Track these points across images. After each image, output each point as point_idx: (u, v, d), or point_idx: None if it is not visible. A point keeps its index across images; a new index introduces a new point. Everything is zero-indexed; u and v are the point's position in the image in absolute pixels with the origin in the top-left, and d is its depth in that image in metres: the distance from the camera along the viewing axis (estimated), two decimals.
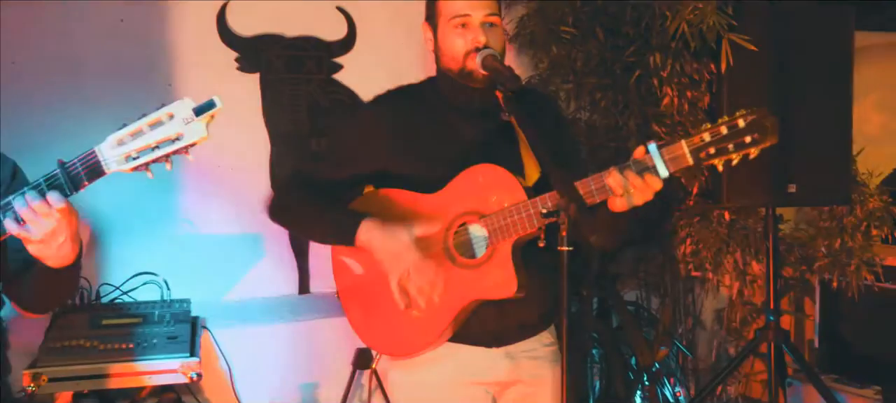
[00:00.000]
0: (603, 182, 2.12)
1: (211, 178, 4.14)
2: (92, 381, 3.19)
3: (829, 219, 3.85)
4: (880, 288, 3.84)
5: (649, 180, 2.09)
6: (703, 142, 2.08)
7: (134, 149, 1.86)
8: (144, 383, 3.28)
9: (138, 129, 1.86)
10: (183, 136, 1.86)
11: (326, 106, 4.31)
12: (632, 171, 2.10)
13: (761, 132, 2.05)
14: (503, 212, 2.24)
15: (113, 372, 3.21)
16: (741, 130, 2.06)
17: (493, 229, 2.26)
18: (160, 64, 4.05)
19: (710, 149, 2.08)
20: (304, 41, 4.27)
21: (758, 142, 2.06)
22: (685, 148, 2.09)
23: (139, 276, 3.82)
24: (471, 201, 2.30)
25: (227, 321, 3.92)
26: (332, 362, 3.97)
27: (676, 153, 2.10)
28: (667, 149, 2.11)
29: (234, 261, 4.21)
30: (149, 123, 1.86)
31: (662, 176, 2.11)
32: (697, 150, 2.09)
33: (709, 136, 2.08)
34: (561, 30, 3.73)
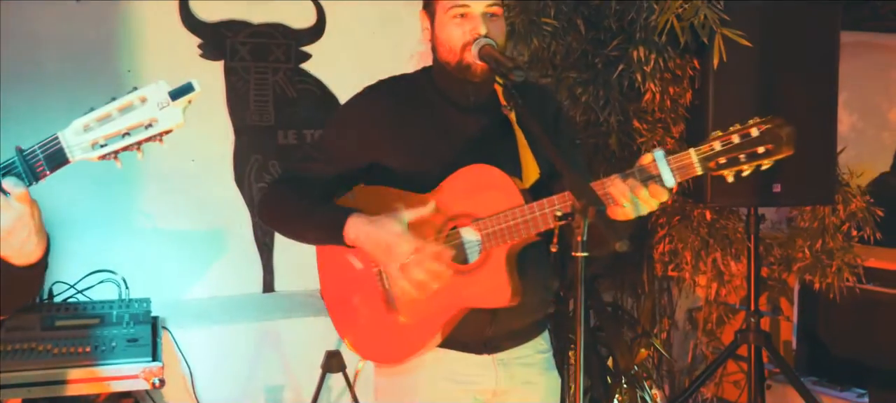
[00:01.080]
0: (605, 189, 2.01)
1: (170, 171, 3.96)
2: (46, 388, 2.99)
3: (810, 220, 3.80)
4: (861, 290, 3.80)
5: (654, 190, 1.99)
6: (712, 150, 2.00)
7: (102, 136, 1.69)
8: (103, 389, 3.08)
9: (107, 114, 1.69)
10: (156, 123, 1.71)
11: (293, 96, 4.14)
12: (636, 180, 1.98)
13: (776, 143, 1.97)
14: (498, 217, 2.12)
15: (69, 378, 3.00)
16: (754, 140, 1.98)
17: (486, 234, 2.13)
18: (119, 48, 3.85)
19: (719, 159, 2.00)
20: (271, 28, 4.09)
21: (771, 153, 1.98)
22: (694, 157, 2.01)
23: (95, 274, 3.62)
24: (464, 203, 2.17)
25: (187, 321, 3.74)
26: (299, 364, 3.81)
27: (684, 162, 2.01)
28: (674, 157, 2.02)
29: (195, 258, 4.06)
30: (119, 108, 1.69)
31: (668, 185, 2.02)
32: (706, 159, 2.00)
33: (719, 145, 1.99)
34: (542, 22, 3.61)
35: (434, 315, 2.17)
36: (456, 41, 2.22)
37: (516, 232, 2.10)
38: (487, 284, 2.15)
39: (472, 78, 2.24)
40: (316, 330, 3.83)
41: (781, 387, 3.99)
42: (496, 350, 2.30)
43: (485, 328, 2.25)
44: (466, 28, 2.21)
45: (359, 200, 2.30)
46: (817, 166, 3.50)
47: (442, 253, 2.09)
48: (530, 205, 2.09)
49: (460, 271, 2.16)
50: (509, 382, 2.32)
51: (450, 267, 2.12)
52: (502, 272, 2.13)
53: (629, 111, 3.69)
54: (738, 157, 1.99)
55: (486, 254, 2.15)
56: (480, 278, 2.15)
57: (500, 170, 2.15)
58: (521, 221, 2.09)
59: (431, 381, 2.29)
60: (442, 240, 2.17)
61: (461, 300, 2.17)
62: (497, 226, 2.12)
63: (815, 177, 3.52)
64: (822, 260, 3.75)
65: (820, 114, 3.53)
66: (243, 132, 4.08)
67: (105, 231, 3.83)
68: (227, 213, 4.11)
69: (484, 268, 2.15)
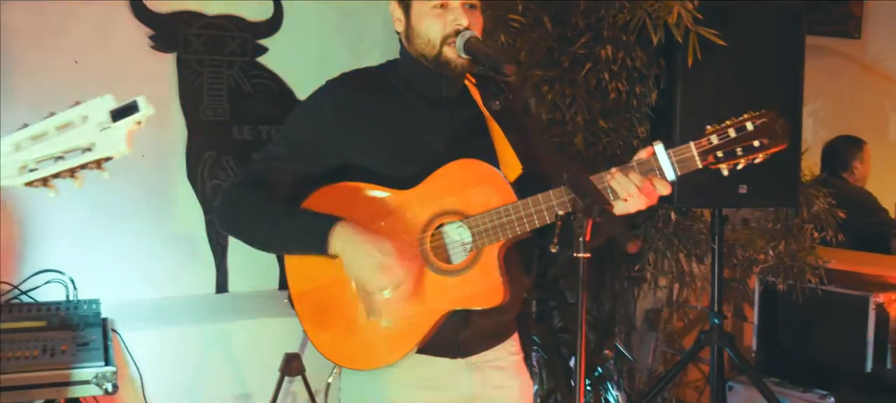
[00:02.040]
0: (605, 184, 1.95)
1: (121, 166, 3.76)
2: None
3: (774, 221, 3.81)
4: (823, 291, 3.83)
5: (657, 184, 1.94)
6: (710, 144, 2.00)
7: (33, 159, 1.47)
8: (52, 396, 2.92)
9: (42, 132, 1.48)
10: (95, 147, 1.48)
11: (249, 91, 4.01)
12: (638, 173, 1.94)
13: (771, 136, 1.99)
14: (491, 214, 2.03)
15: (14, 383, 2.82)
16: (749, 133, 2.00)
17: (478, 231, 2.05)
18: (64, 38, 3.68)
19: (718, 153, 2.00)
20: (227, 20, 3.96)
21: (766, 147, 2.00)
22: (694, 150, 2.00)
23: (42, 274, 3.46)
24: (452, 199, 2.08)
25: (137, 323, 3.60)
26: (255, 367, 3.69)
27: (685, 155, 2.00)
28: (675, 150, 2.00)
29: (145, 258, 3.91)
30: (57, 125, 1.48)
31: (669, 179, 1.99)
32: (705, 153, 2.00)
33: (717, 139, 2.00)
34: (509, 18, 3.55)
35: (420, 316, 2.08)
36: (436, 34, 2.13)
37: (511, 229, 2.02)
38: (480, 284, 2.07)
39: (450, 72, 2.15)
40: (272, 331, 3.73)
41: (744, 390, 4.00)
42: (469, 353, 2.22)
43: (459, 330, 2.17)
44: (448, 19, 2.12)
45: (332, 198, 2.16)
46: (782, 168, 3.50)
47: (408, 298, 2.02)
48: (525, 202, 2.02)
49: (450, 271, 2.08)
50: (482, 386, 2.24)
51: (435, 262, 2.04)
52: (495, 271, 2.05)
53: (595, 109, 3.65)
54: (736, 151, 2.00)
55: (476, 252, 2.07)
56: (472, 278, 2.07)
57: (490, 165, 2.07)
58: (516, 218, 2.01)
59: (402, 387, 2.18)
60: (429, 238, 2.08)
61: (450, 301, 2.08)
62: (490, 223, 2.04)
63: (779, 179, 3.52)
64: (784, 261, 3.76)
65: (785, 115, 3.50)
66: (196, 127, 3.94)
67: (51, 229, 3.66)
68: (179, 211, 3.97)
69: (475, 268, 2.07)
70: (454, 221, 2.08)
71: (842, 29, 5.62)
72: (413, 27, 2.17)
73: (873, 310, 3.71)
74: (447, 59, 2.12)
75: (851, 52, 5.81)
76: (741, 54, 3.46)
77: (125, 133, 1.49)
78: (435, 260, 2.09)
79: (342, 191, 2.15)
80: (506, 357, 2.30)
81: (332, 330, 2.15)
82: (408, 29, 2.19)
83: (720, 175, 2.04)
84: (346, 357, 2.19)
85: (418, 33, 2.16)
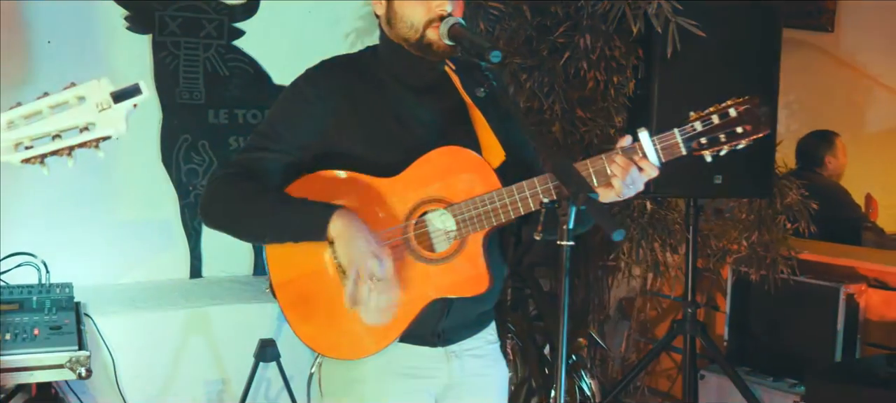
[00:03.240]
0: (589, 171, 1.96)
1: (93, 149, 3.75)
2: None
3: (748, 212, 3.84)
4: (795, 282, 3.87)
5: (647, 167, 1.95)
6: (694, 130, 2.00)
7: (28, 136, 1.51)
8: (24, 380, 2.89)
9: (36, 111, 1.51)
10: (94, 126, 1.54)
11: (226, 74, 3.98)
12: (626, 159, 1.94)
13: (754, 123, 1.99)
14: (476, 201, 2.03)
15: None
16: (733, 120, 2.00)
17: (463, 219, 2.05)
18: (37, 18, 3.63)
19: (701, 139, 2.00)
20: (203, 2, 3.93)
21: (749, 133, 2.00)
22: (678, 136, 2.00)
23: (13, 257, 3.40)
24: (436, 187, 2.07)
25: (110, 307, 3.57)
26: (229, 353, 3.68)
27: (670, 141, 2.00)
28: (659, 137, 2.00)
29: (118, 241, 3.88)
30: (50, 105, 1.52)
31: (655, 164, 2.00)
32: (690, 139, 2.00)
33: (700, 125, 2.00)
34: (489, 5, 3.55)
35: (404, 306, 2.07)
36: (419, 18, 2.10)
37: (495, 216, 2.02)
38: (464, 272, 2.07)
39: (432, 56, 2.13)
40: (246, 317, 3.71)
41: (715, 378, 4.04)
42: (448, 342, 2.21)
43: (440, 319, 2.16)
44: (432, 5, 2.09)
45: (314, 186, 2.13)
46: (757, 159, 3.52)
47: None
48: (510, 189, 2.01)
49: (434, 259, 2.07)
50: (461, 374, 2.24)
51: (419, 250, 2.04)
52: (479, 259, 2.05)
53: (573, 99, 3.66)
54: (719, 137, 2.00)
55: (461, 240, 2.06)
56: (456, 266, 2.07)
57: (474, 153, 2.06)
58: (501, 205, 2.01)
59: (381, 375, 2.17)
60: (412, 226, 2.08)
61: (435, 290, 2.08)
62: (474, 211, 2.03)
63: (753, 170, 3.54)
64: (757, 252, 3.79)
65: None
66: (171, 110, 3.90)
67: (23, 211, 3.62)
68: (153, 195, 3.95)
69: (460, 256, 2.07)
70: (438, 209, 2.08)
71: (815, 22, 5.68)
72: (395, 11, 2.14)
73: (843, 301, 3.76)
74: (430, 41, 2.10)
75: (825, 46, 5.87)
76: (718, 47, 3.46)
77: (124, 114, 1.56)
78: (418, 248, 2.09)
79: (326, 179, 2.13)
80: (483, 345, 2.30)
81: (316, 320, 2.13)
82: (389, 12, 2.16)
83: (695, 164, 2.06)
84: (331, 347, 2.17)
85: (401, 17, 2.13)
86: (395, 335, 2.09)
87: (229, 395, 3.70)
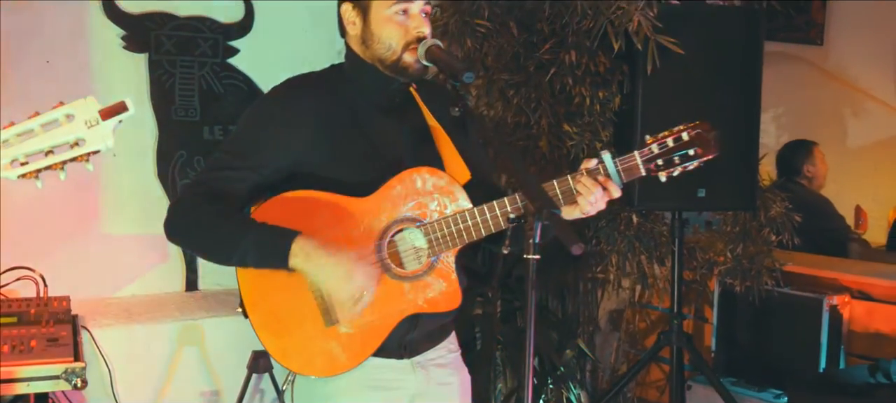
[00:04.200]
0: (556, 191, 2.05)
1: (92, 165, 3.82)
2: None
3: (732, 224, 3.90)
4: (779, 293, 3.92)
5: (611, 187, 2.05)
6: (651, 153, 2.12)
7: (22, 154, 1.61)
8: (21, 391, 2.96)
9: (28, 129, 1.61)
10: (83, 143, 1.63)
11: (220, 92, 4.06)
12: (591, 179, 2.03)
13: (704, 146, 2.11)
14: (447, 220, 2.10)
15: None
16: (685, 143, 2.11)
17: (434, 238, 2.11)
18: (36, 37, 3.71)
19: (658, 160, 2.12)
20: (198, 21, 4.01)
21: (700, 156, 2.12)
22: (638, 159, 2.11)
23: (11, 271, 3.48)
24: (408, 207, 2.13)
25: (107, 320, 3.64)
26: (224, 364, 3.74)
27: (630, 163, 2.12)
28: (621, 159, 2.11)
29: (115, 255, 3.95)
30: (42, 124, 1.62)
31: (616, 183, 2.12)
32: (648, 161, 2.12)
33: (657, 148, 2.11)
34: (475, 23, 3.62)
35: (379, 321, 2.13)
36: (396, 40, 2.16)
37: (467, 234, 2.09)
38: (438, 289, 2.14)
39: (406, 77, 2.19)
40: (241, 329, 3.67)
41: (702, 389, 4.08)
42: (414, 353, 2.28)
43: (408, 332, 2.22)
44: (410, 26, 2.15)
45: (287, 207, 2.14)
46: (740, 172, 3.59)
47: None
48: (481, 208, 2.08)
49: (407, 277, 2.13)
50: (426, 384, 2.30)
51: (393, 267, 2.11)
52: (451, 275, 2.12)
53: (560, 114, 3.72)
54: (673, 159, 2.12)
55: (433, 259, 2.13)
56: (430, 283, 2.13)
57: (445, 173, 2.12)
58: (472, 224, 2.08)
59: (353, 390, 2.22)
60: (386, 245, 2.14)
61: (409, 306, 2.14)
62: (446, 230, 2.10)
63: (738, 183, 3.60)
64: (742, 263, 3.85)
65: (744, 120, 3.61)
66: (167, 127, 3.98)
67: (22, 226, 3.68)
68: (150, 209, 3.99)
69: (432, 274, 2.13)
70: (410, 228, 2.14)
71: (804, 36, 5.74)
72: (372, 32, 2.18)
73: (827, 312, 3.81)
74: (406, 64, 2.16)
75: (814, 59, 5.93)
76: (701, 60, 3.52)
77: (111, 130, 1.65)
78: (393, 266, 2.14)
79: (298, 200, 2.14)
80: (446, 355, 2.36)
81: (290, 338, 2.15)
82: (365, 33, 2.20)
83: (679, 178, 2.16)
84: (306, 365, 2.19)
85: (378, 38, 2.18)
86: (370, 351, 2.15)
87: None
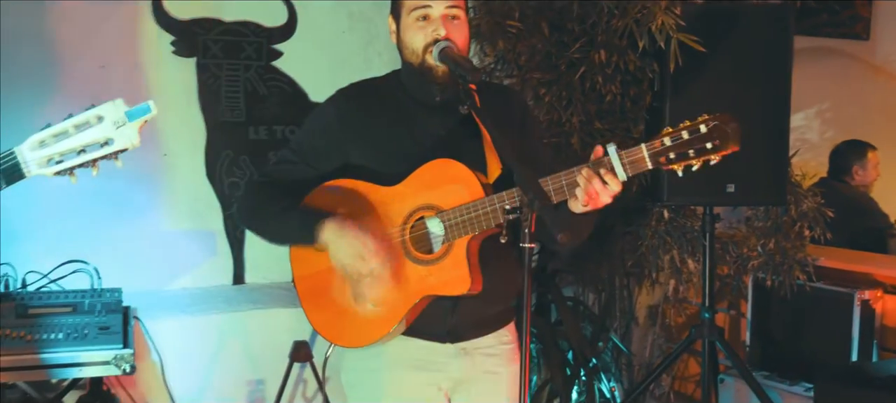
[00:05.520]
0: (561, 181, 2.12)
1: (143, 165, 4.03)
2: (19, 372, 3.06)
3: (764, 219, 3.92)
4: (811, 288, 3.93)
5: (610, 180, 2.08)
6: (663, 146, 2.08)
7: (57, 152, 1.76)
8: (74, 375, 3.16)
9: (63, 131, 1.76)
10: (112, 141, 1.77)
11: (265, 93, 4.23)
12: (591, 172, 2.09)
13: (723, 138, 2.05)
14: (461, 209, 2.22)
15: (42, 364, 3.07)
16: (703, 136, 2.05)
17: (449, 225, 2.24)
18: (92, 45, 3.91)
19: (670, 154, 2.08)
20: (243, 26, 4.17)
21: (719, 148, 2.06)
22: (644, 151, 2.10)
23: (68, 264, 3.68)
24: (429, 195, 2.27)
25: (158, 312, 3.80)
26: (268, 354, 3.88)
27: (635, 156, 2.10)
28: (626, 151, 2.11)
29: (166, 250, 4.12)
30: (75, 124, 1.76)
31: (621, 178, 2.11)
32: (657, 155, 2.08)
33: (669, 141, 2.07)
34: (507, 24, 3.72)
35: (399, 301, 2.28)
36: (418, 43, 2.30)
37: (477, 223, 2.20)
38: (449, 273, 2.24)
39: (434, 79, 2.32)
40: (284, 321, 3.90)
41: (735, 383, 4.11)
42: (459, 339, 2.39)
43: (447, 317, 2.35)
44: (428, 30, 2.29)
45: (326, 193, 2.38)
46: (770, 167, 3.62)
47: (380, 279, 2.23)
48: (491, 198, 2.19)
49: (424, 260, 2.27)
50: (472, 371, 2.41)
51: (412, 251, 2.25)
52: (463, 262, 2.22)
53: (591, 111, 3.80)
54: (688, 152, 2.07)
55: (448, 244, 2.25)
56: (443, 267, 2.25)
57: (463, 165, 2.24)
58: (482, 213, 2.19)
59: (395, 368, 2.39)
60: (408, 230, 2.28)
61: (425, 288, 2.27)
62: (459, 218, 2.21)
63: (767, 178, 3.62)
64: (774, 258, 3.87)
65: (773, 116, 3.64)
66: (215, 128, 4.15)
67: (79, 222, 3.87)
68: (199, 207, 4.18)
69: (447, 258, 2.25)
70: (431, 215, 2.27)
71: (849, 31, 5.69)
72: (401, 38, 2.37)
73: (858, 306, 3.81)
74: (430, 66, 2.30)
75: (860, 54, 5.87)
76: (730, 56, 3.56)
77: (137, 130, 1.78)
78: (412, 250, 2.28)
79: (337, 188, 2.38)
80: (496, 345, 2.46)
81: (326, 311, 2.38)
82: (399, 41, 2.39)
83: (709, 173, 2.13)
84: (337, 335, 2.42)
85: (405, 44, 2.35)
86: (389, 326, 2.29)
87: (268, 394, 3.92)
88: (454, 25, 2.31)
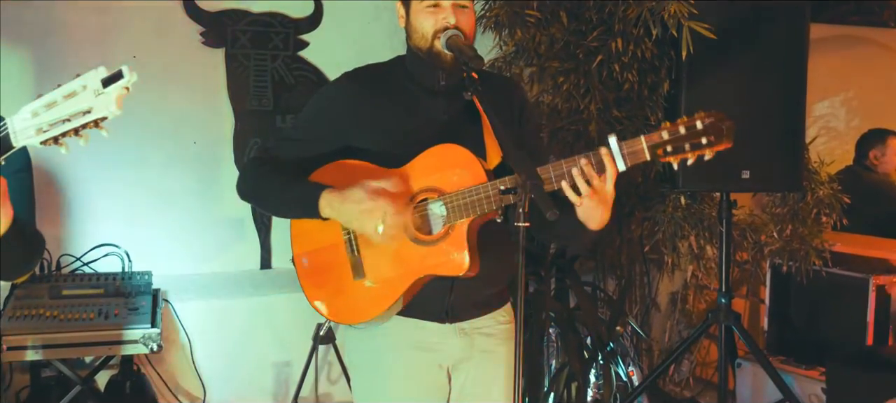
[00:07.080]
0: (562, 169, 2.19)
1: (174, 152, 4.16)
2: (53, 350, 3.21)
3: (781, 206, 3.95)
4: (827, 273, 3.96)
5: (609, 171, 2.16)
6: (661, 139, 2.15)
7: (46, 122, 1.75)
8: (105, 353, 3.30)
9: (53, 101, 1.76)
10: (93, 110, 1.73)
11: (292, 83, 4.33)
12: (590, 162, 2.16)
13: (717, 135, 2.12)
14: (462, 192, 2.29)
15: (74, 342, 3.22)
16: (698, 131, 2.13)
17: (451, 207, 2.31)
18: (123, 35, 4.03)
19: (667, 147, 2.15)
20: (270, 17, 4.28)
21: (712, 144, 2.13)
22: (643, 143, 2.16)
23: (100, 248, 3.83)
24: (432, 178, 2.34)
25: (188, 295, 3.94)
26: (293, 336, 4.00)
27: (635, 147, 2.17)
28: (626, 142, 2.18)
29: (195, 236, 4.24)
30: (64, 95, 1.75)
31: (620, 169, 2.18)
32: (655, 147, 2.15)
33: (667, 135, 2.15)
34: (526, 13, 3.78)
35: (397, 279, 2.35)
36: (428, 30, 2.39)
37: (479, 206, 2.27)
38: (449, 254, 2.31)
39: (442, 65, 2.40)
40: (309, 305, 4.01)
41: (752, 366, 4.15)
42: (457, 319, 2.46)
43: (445, 297, 2.41)
44: (439, 17, 2.38)
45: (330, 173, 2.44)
46: (786, 154, 3.64)
47: (402, 211, 2.27)
48: (492, 183, 2.25)
49: (425, 241, 2.34)
50: (469, 350, 2.48)
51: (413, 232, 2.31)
52: (463, 244, 2.29)
53: (609, 99, 3.84)
54: (684, 146, 2.14)
55: (449, 226, 2.33)
56: (442, 248, 2.32)
57: (466, 150, 2.31)
58: (484, 197, 2.26)
59: (396, 347, 2.45)
60: (411, 212, 2.35)
61: (424, 267, 2.34)
62: (460, 201, 2.29)
63: (783, 165, 3.65)
64: (792, 244, 3.89)
65: (789, 103, 3.66)
66: (243, 116, 4.27)
67: (111, 208, 4.01)
68: (227, 194, 4.26)
69: (447, 239, 2.32)
70: (433, 198, 2.35)
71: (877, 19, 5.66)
72: (411, 23, 2.45)
73: (873, 292, 3.83)
74: (437, 51, 2.38)
75: (887, 41, 5.83)
76: (747, 45, 3.58)
77: (115, 97, 1.73)
78: (413, 231, 2.36)
79: (342, 167, 2.44)
80: (494, 325, 2.52)
81: (325, 288, 2.46)
82: (408, 25, 2.47)
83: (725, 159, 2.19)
84: (335, 312, 2.48)
85: (415, 29, 2.43)
86: (387, 303, 2.36)
87: (293, 374, 4.04)
88: (462, 14, 2.39)
